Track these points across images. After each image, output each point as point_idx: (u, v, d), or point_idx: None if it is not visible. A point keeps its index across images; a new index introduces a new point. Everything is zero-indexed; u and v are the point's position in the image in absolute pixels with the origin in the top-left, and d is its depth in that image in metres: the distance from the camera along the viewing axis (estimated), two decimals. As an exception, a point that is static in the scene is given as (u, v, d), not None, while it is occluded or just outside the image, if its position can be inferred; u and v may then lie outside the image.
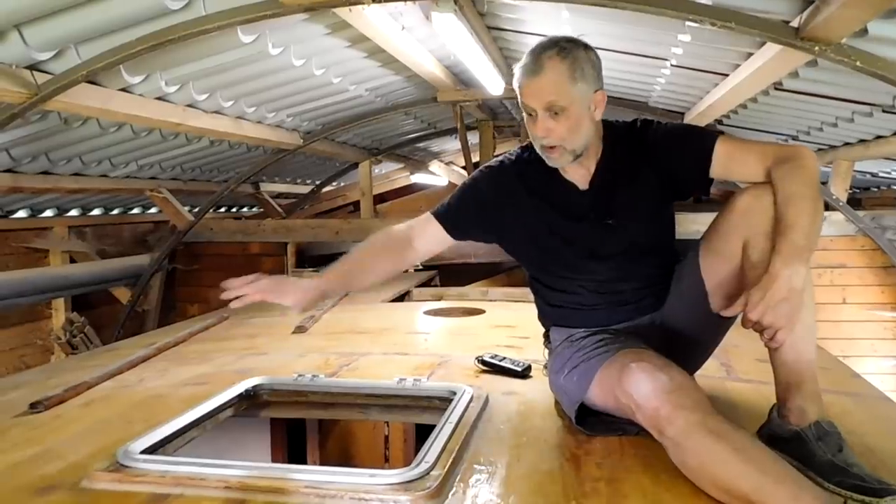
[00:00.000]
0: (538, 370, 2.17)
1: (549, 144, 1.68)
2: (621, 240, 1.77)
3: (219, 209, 6.59)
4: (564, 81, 1.62)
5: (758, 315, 1.39)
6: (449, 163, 8.68)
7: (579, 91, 1.64)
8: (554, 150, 1.68)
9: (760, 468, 1.25)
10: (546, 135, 1.66)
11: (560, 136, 1.66)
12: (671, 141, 1.74)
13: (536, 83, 1.63)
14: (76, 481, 1.45)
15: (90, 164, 3.83)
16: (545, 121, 1.65)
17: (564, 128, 1.65)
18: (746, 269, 1.56)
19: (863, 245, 5.01)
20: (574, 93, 1.63)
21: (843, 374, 2.44)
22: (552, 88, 1.62)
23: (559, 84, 1.62)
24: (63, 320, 4.61)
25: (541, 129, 1.66)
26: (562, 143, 1.67)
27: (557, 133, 1.65)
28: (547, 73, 1.62)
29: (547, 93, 1.63)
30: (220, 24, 2.42)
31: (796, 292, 1.38)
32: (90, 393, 2.16)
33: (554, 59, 1.62)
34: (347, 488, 1.37)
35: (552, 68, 1.62)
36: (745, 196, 1.60)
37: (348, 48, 3.50)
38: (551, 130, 1.65)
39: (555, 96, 1.62)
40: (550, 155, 1.70)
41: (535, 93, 1.64)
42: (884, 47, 2.19)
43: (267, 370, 2.28)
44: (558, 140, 1.66)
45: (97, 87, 2.78)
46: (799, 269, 1.39)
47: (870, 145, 3.68)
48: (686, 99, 4.18)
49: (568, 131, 1.65)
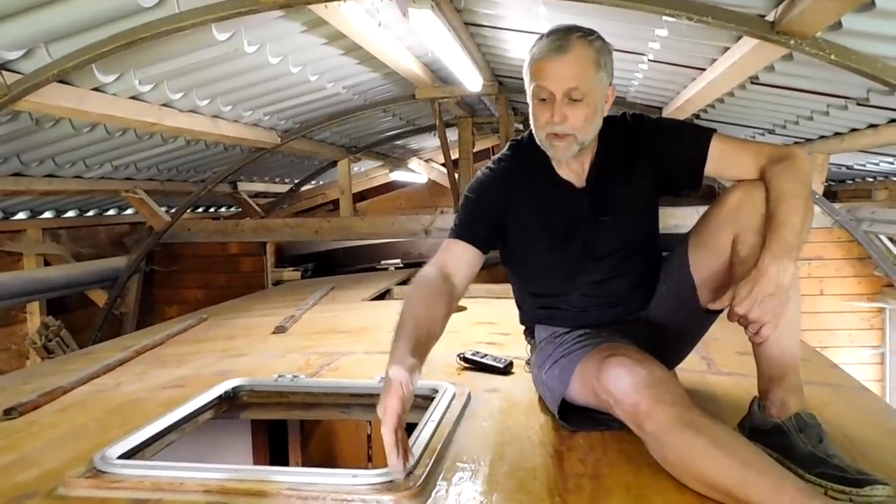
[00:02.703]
0: (520, 366, 2.17)
1: (561, 132, 1.60)
2: (616, 237, 1.75)
3: (197, 209, 6.52)
4: (590, 66, 1.57)
5: (744, 309, 1.39)
6: (428, 160, 8.66)
7: (601, 80, 1.59)
8: (563, 139, 1.61)
9: (742, 461, 1.25)
10: (561, 121, 1.58)
11: (574, 125, 1.59)
12: (667, 136, 1.72)
13: (561, 64, 1.55)
14: (52, 488, 1.43)
15: (63, 166, 3.76)
16: (562, 106, 1.57)
17: (581, 116, 1.58)
18: (735, 264, 1.57)
19: (839, 237, 5.08)
20: (596, 81, 1.58)
21: (821, 364, 2.47)
22: (577, 71, 1.55)
23: (585, 68, 1.56)
24: (38, 324, 4.53)
25: (557, 114, 1.57)
26: (574, 132, 1.60)
27: (572, 121, 1.58)
28: (575, 53, 1.55)
29: (571, 76, 1.55)
30: (193, 21, 2.38)
31: (783, 288, 1.39)
32: (66, 398, 2.13)
33: (583, 41, 1.56)
34: (329, 489, 1.35)
35: (580, 50, 1.55)
36: (736, 192, 1.60)
37: (325, 45, 3.47)
38: (566, 118, 1.58)
39: (578, 80, 1.55)
40: (557, 144, 1.62)
41: (558, 74, 1.55)
42: (857, 41, 2.20)
43: (247, 371, 2.26)
44: (571, 129, 1.59)
45: (69, 86, 2.72)
46: (787, 266, 1.39)
47: (845, 138, 3.72)
48: (664, 94, 4.20)
49: (584, 121, 1.59)
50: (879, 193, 5.46)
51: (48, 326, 4.30)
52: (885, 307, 5.18)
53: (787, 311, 1.44)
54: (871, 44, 2.22)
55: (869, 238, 4.50)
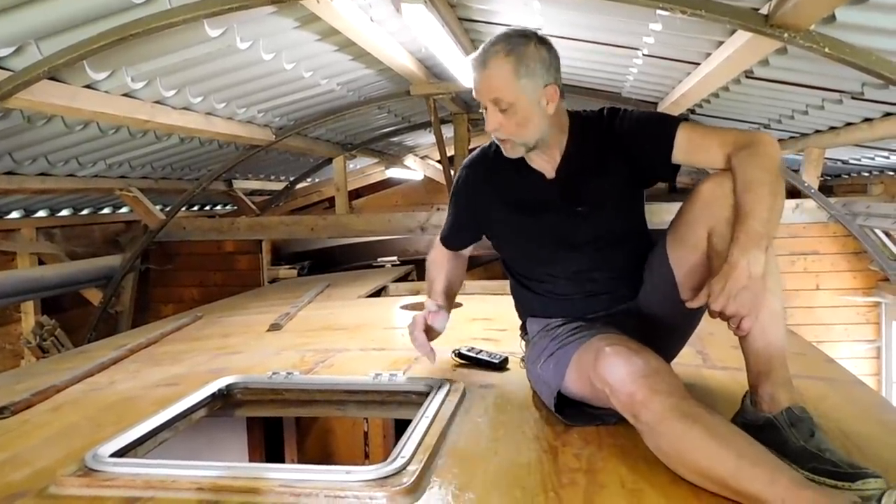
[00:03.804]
0: (515, 362, 2.17)
1: (499, 137, 1.73)
2: (592, 228, 1.78)
3: (192, 207, 6.51)
4: (509, 78, 1.65)
5: (720, 305, 1.40)
6: (424, 157, 8.65)
7: (524, 87, 1.65)
8: (505, 142, 1.74)
9: (736, 451, 1.25)
10: (496, 128, 1.70)
11: (509, 131, 1.70)
12: (636, 127, 1.75)
13: (483, 78, 1.68)
14: (44, 487, 1.42)
15: (56, 164, 3.74)
16: (494, 115, 1.69)
17: (512, 124, 1.69)
18: (712, 257, 1.57)
19: (835, 232, 5.08)
20: (519, 90, 1.65)
21: (817, 359, 2.47)
22: (496, 84, 1.66)
23: (503, 80, 1.65)
24: (33, 324, 4.52)
25: (490, 122, 1.70)
26: (510, 137, 1.71)
27: (506, 128, 1.70)
28: (491, 69, 1.65)
29: (492, 89, 1.66)
30: (185, 17, 2.37)
31: (756, 279, 1.38)
32: (59, 397, 2.12)
33: (499, 56, 1.65)
34: (323, 486, 1.35)
35: (496, 65, 1.65)
36: (707, 184, 1.61)
37: (318, 42, 3.45)
38: (501, 124, 1.69)
39: (499, 93, 1.66)
40: (504, 147, 1.75)
41: (481, 88, 1.69)
42: (851, 34, 2.20)
43: (241, 369, 2.25)
44: (507, 134, 1.71)
45: (60, 83, 2.70)
46: (757, 256, 1.39)
47: (840, 132, 3.72)
48: (659, 89, 4.19)
49: (516, 126, 1.69)
50: (875, 188, 5.47)
51: (43, 326, 4.28)
52: (881, 301, 5.18)
53: (767, 303, 1.46)
54: (865, 37, 2.22)
55: (864, 232, 4.51)
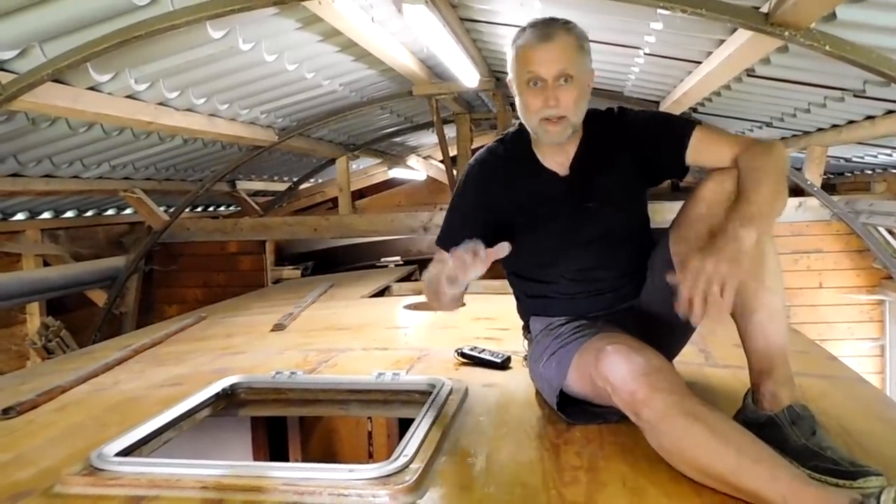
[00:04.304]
0: (518, 361, 2.17)
1: (556, 115, 1.66)
2: (600, 225, 1.78)
3: (195, 208, 6.52)
4: (575, 50, 1.65)
5: (698, 264, 1.36)
6: (427, 157, 8.66)
7: (585, 63, 1.68)
8: (558, 122, 1.67)
9: (737, 448, 1.25)
10: (556, 104, 1.64)
11: (566, 107, 1.65)
12: (650, 127, 1.76)
13: (549, 50, 1.63)
14: (49, 486, 1.43)
15: (61, 166, 3.76)
16: (555, 90, 1.64)
17: (572, 97, 1.65)
18: None
19: (838, 230, 5.07)
20: (582, 63, 1.67)
21: (819, 357, 2.47)
22: (565, 55, 1.64)
23: (571, 52, 1.64)
24: (38, 325, 4.53)
25: (551, 97, 1.64)
26: (566, 114, 1.66)
27: (564, 102, 1.65)
28: (559, 40, 1.64)
29: (560, 59, 1.63)
30: (187, 19, 2.38)
31: (742, 252, 1.36)
32: (64, 397, 2.13)
33: (563, 30, 1.65)
34: (326, 484, 1.36)
35: (563, 36, 1.65)
36: (709, 183, 1.63)
37: (321, 42, 3.47)
38: (560, 100, 1.64)
39: (567, 63, 1.63)
40: (552, 129, 1.68)
41: (547, 59, 1.63)
42: (852, 32, 2.20)
43: (245, 369, 2.26)
44: (565, 110, 1.65)
45: (64, 85, 2.72)
46: (749, 232, 1.38)
47: (842, 130, 3.71)
48: (661, 87, 4.19)
49: (574, 102, 1.66)
50: (878, 186, 5.46)
51: (48, 327, 4.30)
52: (885, 299, 5.16)
53: (767, 301, 1.48)
54: (866, 35, 2.22)
55: (867, 230, 4.51)
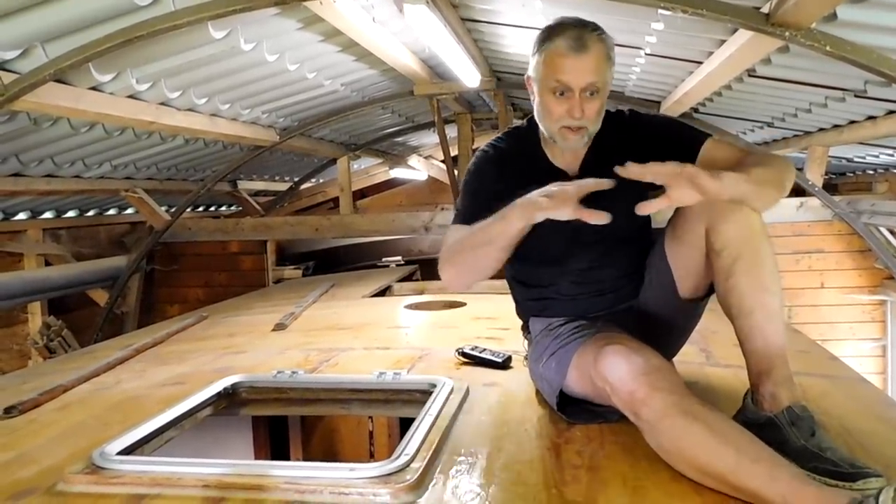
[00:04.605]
0: (518, 361, 2.18)
1: (577, 126, 1.65)
2: (606, 226, 1.76)
3: (197, 208, 6.53)
4: (605, 62, 1.63)
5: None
6: (428, 157, 8.67)
7: (611, 73, 1.66)
8: (578, 131, 1.66)
9: (737, 448, 1.26)
10: (581, 115, 1.63)
11: (589, 118, 1.65)
12: (664, 131, 1.76)
13: (582, 61, 1.60)
14: (51, 485, 1.43)
15: (63, 166, 3.77)
16: (582, 101, 1.62)
17: (595, 109, 1.64)
18: (710, 255, 1.58)
19: (839, 230, 5.07)
20: (609, 74, 1.65)
21: (820, 356, 2.47)
22: (596, 67, 1.61)
23: (602, 64, 1.62)
24: (40, 324, 4.54)
25: (577, 109, 1.62)
26: (587, 125, 1.66)
27: (588, 114, 1.64)
28: (593, 51, 1.60)
29: (591, 72, 1.60)
30: (189, 19, 2.39)
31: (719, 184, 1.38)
32: (66, 396, 2.13)
33: (595, 38, 1.61)
34: (327, 483, 1.36)
35: (597, 48, 1.61)
36: None
37: (322, 42, 3.47)
38: (585, 112, 1.63)
39: (597, 76, 1.61)
40: (572, 136, 1.67)
41: (579, 70, 1.60)
42: (853, 32, 2.20)
43: (246, 368, 2.27)
44: (587, 121, 1.65)
45: (66, 86, 2.72)
46: (732, 182, 1.39)
47: (844, 130, 3.71)
48: (662, 88, 4.20)
49: (596, 113, 1.66)
50: (880, 186, 5.46)
51: (50, 326, 4.30)
52: (886, 299, 5.16)
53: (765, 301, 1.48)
54: (866, 35, 2.22)
55: (869, 230, 4.51)
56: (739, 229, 1.52)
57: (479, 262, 1.63)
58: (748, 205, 1.51)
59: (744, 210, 1.52)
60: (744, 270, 1.51)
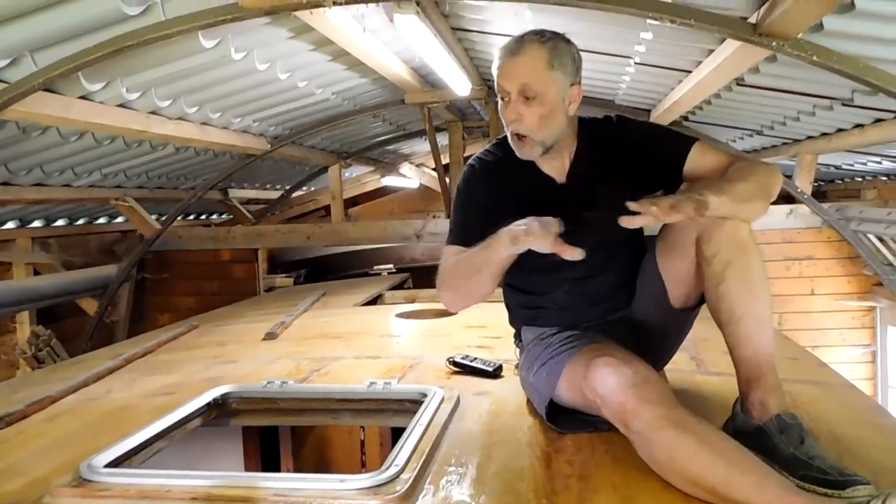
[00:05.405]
0: (510, 370, 2.17)
1: (517, 132, 1.66)
2: (597, 234, 1.76)
3: (187, 217, 6.51)
4: (542, 66, 1.62)
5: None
6: (419, 165, 8.66)
7: (556, 80, 1.64)
8: (523, 140, 1.66)
9: (726, 459, 1.26)
10: (516, 118, 1.64)
11: (529, 125, 1.64)
12: (652, 137, 1.77)
13: (514, 64, 1.63)
14: (38, 498, 1.42)
15: (52, 174, 3.75)
16: (517, 105, 1.63)
17: (536, 115, 1.63)
18: (701, 263, 1.59)
19: (829, 237, 5.10)
20: (550, 80, 1.63)
21: (810, 363, 2.48)
22: (528, 70, 1.62)
23: (536, 67, 1.62)
24: (28, 334, 4.50)
25: (512, 111, 1.64)
26: (530, 134, 1.65)
27: (528, 120, 1.64)
28: (526, 55, 1.62)
29: (523, 74, 1.62)
30: (179, 29, 2.38)
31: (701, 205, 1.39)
32: (55, 407, 2.12)
33: (535, 43, 1.63)
34: (317, 494, 1.36)
35: (532, 51, 1.62)
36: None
37: (312, 51, 3.47)
38: (522, 116, 1.63)
39: (530, 79, 1.62)
40: (520, 146, 1.68)
41: (510, 74, 1.63)
42: (839, 42, 2.22)
43: (237, 378, 2.26)
44: (527, 129, 1.65)
45: (55, 95, 2.71)
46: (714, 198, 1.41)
47: (832, 138, 3.74)
48: (651, 96, 4.22)
49: (539, 120, 1.64)
50: (868, 193, 5.49)
51: (38, 336, 4.27)
52: (876, 306, 5.19)
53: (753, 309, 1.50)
54: (852, 44, 2.24)
55: (858, 237, 4.53)
56: (729, 237, 1.53)
57: (472, 287, 1.67)
58: (737, 218, 1.52)
59: (733, 219, 1.53)
60: (734, 277, 1.52)
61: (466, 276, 1.65)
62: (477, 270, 1.62)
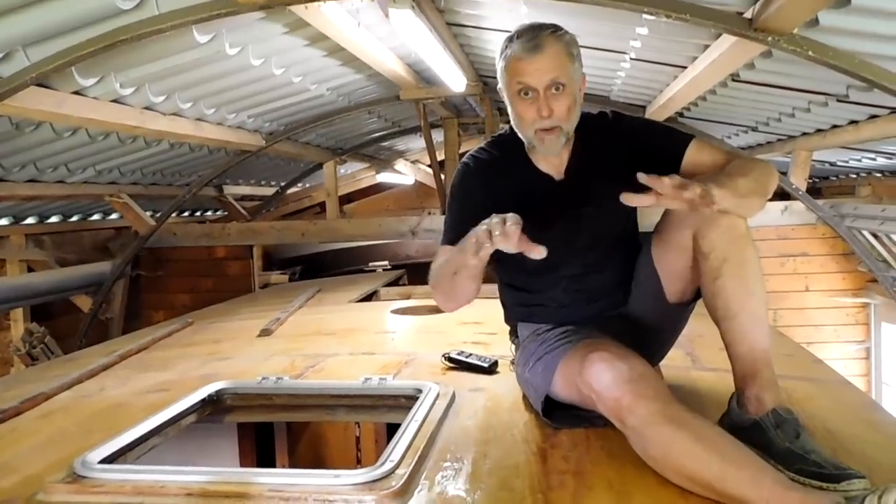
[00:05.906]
0: (505, 366, 2.17)
1: (550, 126, 1.65)
2: (593, 230, 1.78)
3: (182, 213, 6.50)
4: (565, 58, 1.63)
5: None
6: (415, 161, 8.65)
7: (575, 70, 1.66)
8: (552, 131, 1.65)
9: (722, 455, 1.26)
10: (549, 114, 1.63)
11: (560, 116, 1.64)
12: (650, 133, 1.77)
13: (539, 60, 1.61)
14: (32, 494, 1.42)
15: (45, 170, 3.73)
16: (548, 100, 1.62)
17: (564, 106, 1.64)
18: (698, 258, 1.59)
19: (823, 233, 5.11)
20: (573, 70, 1.65)
21: (804, 359, 2.49)
22: (555, 64, 1.61)
23: (561, 61, 1.62)
24: (22, 331, 4.49)
25: (544, 108, 1.62)
26: (559, 124, 1.65)
27: (558, 112, 1.63)
28: (549, 49, 1.61)
29: (550, 69, 1.61)
30: (173, 23, 2.37)
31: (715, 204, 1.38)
32: (48, 404, 2.11)
33: (552, 37, 1.63)
34: (312, 490, 1.35)
35: (553, 45, 1.62)
36: None
37: (308, 47, 3.46)
38: (553, 110, 1.63)
39: (558, 72, 1.61)
40: (547, 138, 1.67)
41: (537, 70, 1.61)
42: (834, 37, 2.22)
43: (231, 374, 2.25)
44: (558, 120, 1.64)
45: (49, 90, 2.70)
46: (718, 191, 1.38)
47: (827, 135, 3.74)
48: (647, 92, 4.21)
49: (567, 110, 1.64)
50: (863, 189, 5.50)
51: (32, 333, 4.26)
52: (870, 302, 5.21)
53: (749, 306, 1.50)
54: (848, 40, 2.24)
55: (852, 234, 4.54)
56: (727, 233, 1.54)
57: (456, 290, 1.65)
58: (735, 214, 1.52)
59: (730, 215, 1.53)
60: (730, 273, 1.52)
61: (449, 279, 1.63)
62: (455, 273, 1.60)
